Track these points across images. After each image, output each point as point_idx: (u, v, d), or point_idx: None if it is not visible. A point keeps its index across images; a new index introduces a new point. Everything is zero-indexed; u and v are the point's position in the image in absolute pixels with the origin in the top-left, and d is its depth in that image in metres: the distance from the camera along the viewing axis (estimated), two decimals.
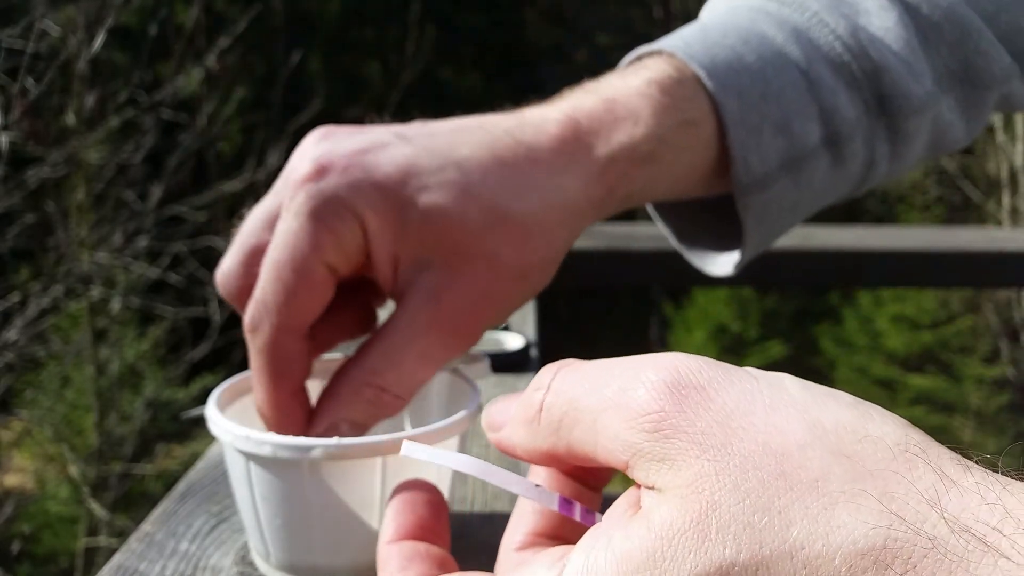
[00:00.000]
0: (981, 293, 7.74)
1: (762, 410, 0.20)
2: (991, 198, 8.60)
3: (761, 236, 0.46)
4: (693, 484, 0.19)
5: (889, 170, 0.48)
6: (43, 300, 3.21)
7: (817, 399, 0.21)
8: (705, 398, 0.21)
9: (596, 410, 0.22)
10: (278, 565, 0.36)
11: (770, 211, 0.44)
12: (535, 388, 0.24)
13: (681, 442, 0.20)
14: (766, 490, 0.19)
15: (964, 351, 8.08)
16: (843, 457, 0.19)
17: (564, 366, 0.24)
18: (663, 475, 0.20)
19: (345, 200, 0.34)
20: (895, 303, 8.25)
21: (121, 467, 3.92)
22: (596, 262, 1.30)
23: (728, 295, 8.59)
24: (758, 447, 0.19)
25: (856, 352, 8.71)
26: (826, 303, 9.54)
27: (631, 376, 0.22)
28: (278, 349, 0.36)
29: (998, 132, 8.01)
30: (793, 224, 0.47)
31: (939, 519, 0.17)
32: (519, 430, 0.25)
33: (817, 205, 0.47)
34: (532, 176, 0.37)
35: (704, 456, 0.19)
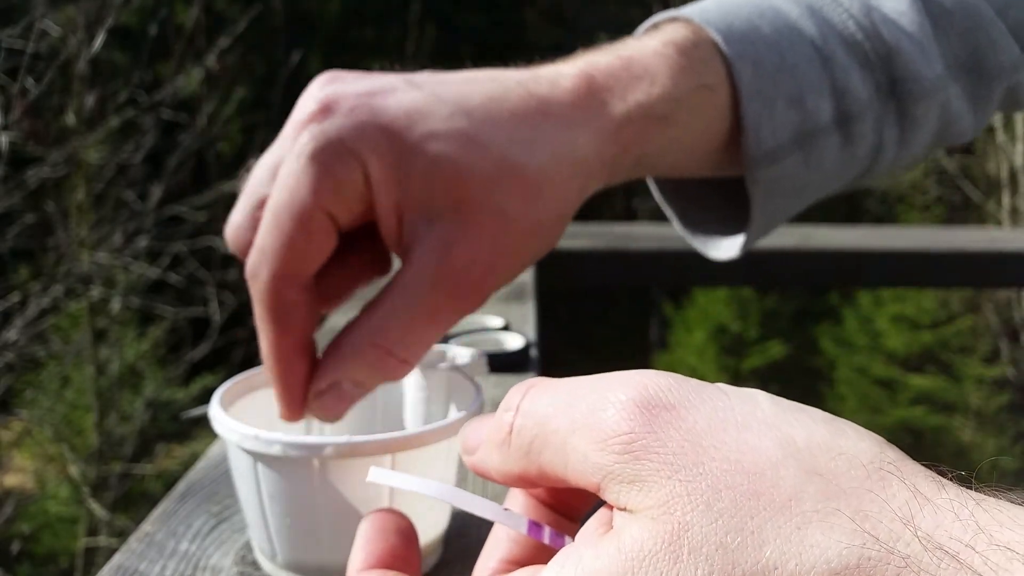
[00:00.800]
0: (981, 293, 7.74)
1: (734, 428, 0.20)
2: (991, 198, 8.60)
3: (767, 216, 0.45)
4: (664, 505, 0.19)
5: (895, 157, 0.47)
6: (43, 300, 3.21)
7: (789, 416, 0.20)
8: (676, 417, 0.20)
9: (565, 432, 0.22)
10: (285, 564, 0.36)
11: (778, 188, 0.43)
12: (505, 409, 0.24)
13: (652, 463, 0.20)
14: (739, 510, 0.18)
15: (964, 351, 8.08)
16: (816, 475, 0.19)
17: (532, 386, 0.24)
18: (634, 496, 0.20)
19: (348, 143, 0.33)
20: (895, 303, 8.25)
21: (121, 467, 3.92)
22: (596, 262, 1.30)
23: (728, 295, 8.59)
24: (730, 466, 0.19)
25: (856, 352, 8.71)
26: (826, 303, 9.54)
27: (599, 396, 0.21)
28: (277, 297, 0.34)
29: (998, 132, 8.01)
30: (798, 208, 0.47)
31: (913, 537, 0.17)
32: (492, 453, 0.24)
33: (823, 190, 0.46)
34: (544, 129, 0.35)
35: (675, 477, 0.19)
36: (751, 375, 8.67)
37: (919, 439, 7.63)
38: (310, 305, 0.35)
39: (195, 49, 4.07)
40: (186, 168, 4.09)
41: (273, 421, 0.40)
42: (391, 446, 0.33)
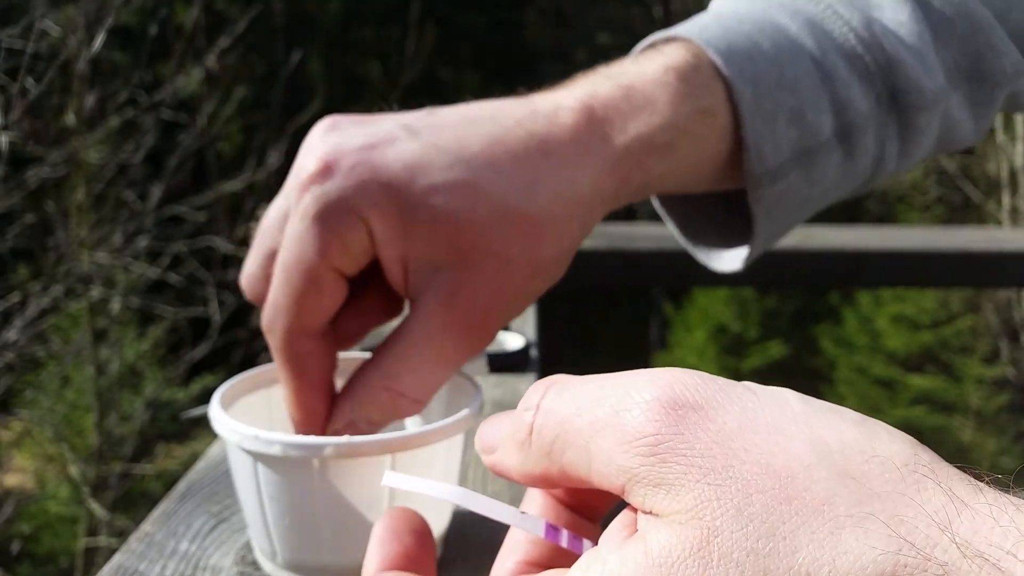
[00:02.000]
0: (981, 293, 7.74)
1: (764, 430, 0.19)
2: (991, 198, 8.60)
3: (770, 231, 0.45)
4: (693, 510, 0.18)
5: (896, 167, 0.47)
6: (43, 300, 3.21)
7: (820, 416, 0.20)
8: (703, 418, 0.20)
9: (588, 433, 0.21)
10: (285, 564, 0.36)
11: (780, 205, 0.43)
12: (525, 408, 0.23)
13: (679, 466, 0.19)
14: (770, 515, 0.18)
15: (964, 351, 8.08)
16: (849, 479, 0.18)
17: (553, 384, 0.23)
18: (661, 500, 0.19)
19: (350, 203, 0.34)
20: (895, 303, 8.25)
21: (121, 467, 3.92)
22: (596, 262, 1.30)
23: (728, 295, 8.59)
24: (761, 469, 0.19)
25: (856, 352, 8.71)
26: (826, 303, 9.53)
27: (624, 395, 0.21)
28: (293, 349, 0.36)
29: (998, 132, 8.01)
30: (799, 221, 0.47)
31: (950, 543, 0.17)
32: (511, 453, 0.24)
33: (824, 202, 0.46)
34: (543, 170, 0.36)
35: (704, 480, 0.19)
36: (751, 375, 8.67)
37: (919, 439, 7.61)
38: (325, 351, 0.37)
39: (195, 49, 4.07)
40: (186, 168, 4.09)
41: (273, 421, 0.40)
42: (391, 446, 0.33)
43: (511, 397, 0.60)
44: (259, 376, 0.41)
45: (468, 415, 0.36)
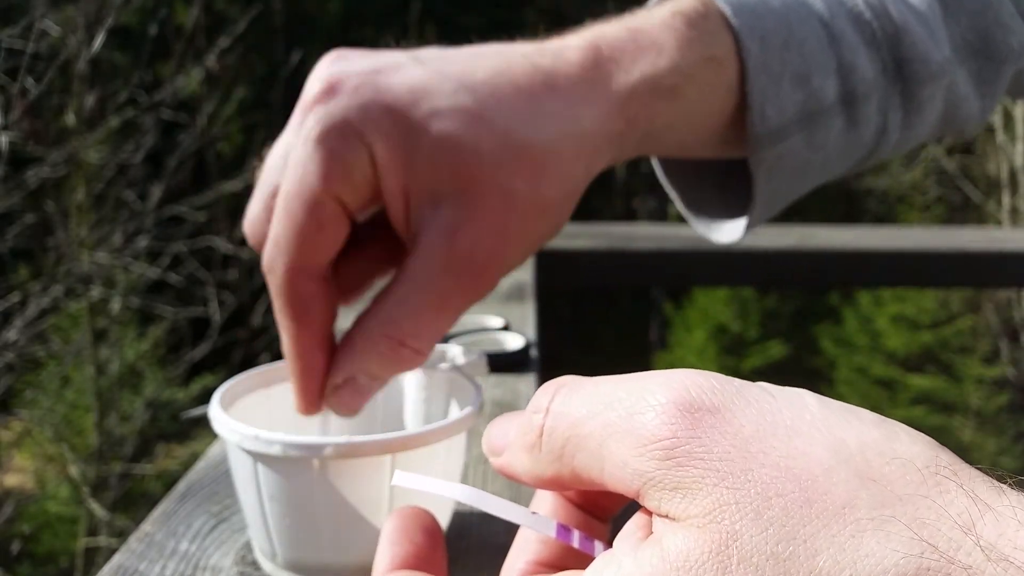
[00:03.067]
0: (981, 293, 7.74)
1: (783, 433, 0.19)
2: (991, 198, 8.61)
3: (769, 197, 0.44)
4: (711, 514, 0.18)
5: (900, 140, 0.46)
6: (43, 300, 3.21)
7: (839, 418, 0.20)
8: (720, 421, 0.19)
9: (600, 436, 0.21)
10: (285, 565, 0.36)
11: (781, 169, 0.42)
12: (534, 410, 0.23)
13: (696, 470, 0.19)
14: (790, 518, 0.18)
15: (964, 351, 8.08)
16: (870, 481, 0.18)
17: (563, 385, 0.23)
18: (677, 504, 0.19)
19: (353, 124, 0.33)
20: (895, 303, 8.25)
21: (121, 467, 3.92)
22: (596, 262, 1.30)
23: (728, 295, 8.59)
24: (780, 473, 0.18)
25: (856, 352, 8.71)
26: (826, 303, 9.53)
27: (638, 398, 0.20)
28: (294, 290, 0.34)
29: (998, 132, 8.01)
30: (800, 192, 0.46)
31: (974, 546, 0.16)
32: (520, 456, 0.23)
33: (825, 173, 0.45)
34: (549, 104, 0.35)
35: (722, 484, 0.18)
36: (751, 375, 8.66)
37: None
38: (327, 298, 0.35)
39: (195, 49, 4.07)
40: (186, 168, 4.09)
41: (273, 421, 0.40)
42: (391, 446, 0.33)
43: (511, 397, 0.60)
44: (259, 376, 0.41)
45: (468, 415, 0.36)
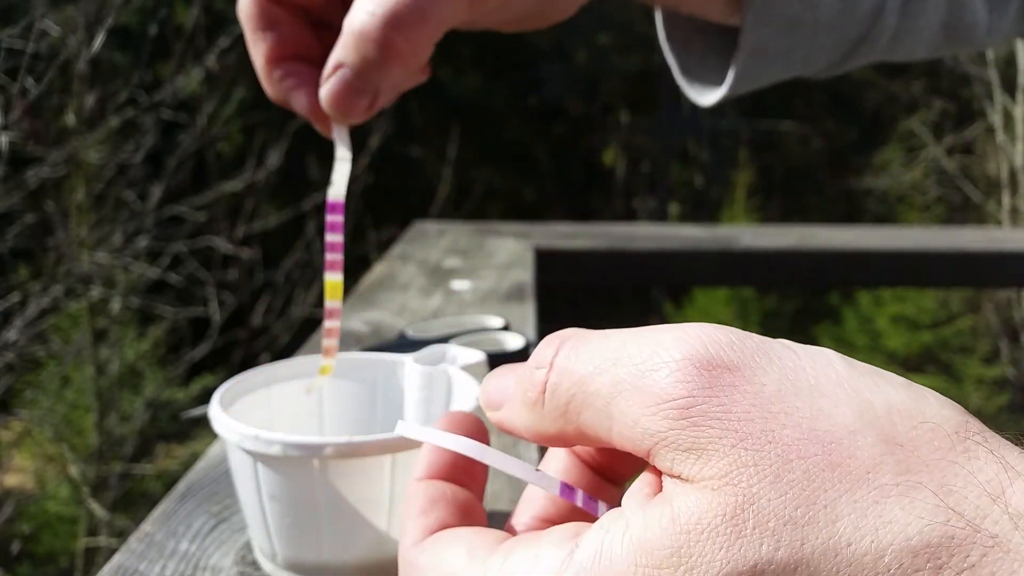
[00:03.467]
0: (981, 293, 7.74)
1: (807, 392, 0.18)
2: (991, 198, 8.61)
3: (756, 46, 0.43)
4: (728, 475, 0.17)
5: (899, 30, 0.46)
6: (43, 300, 3.21)
7: (866, 379, 0.19)
8: (740, 379, 0.18)
9: (609, 393, 0.20)
10: (285, 564, 0.36)
11: (771, 14, 0.42)
12: (536, 366, 0.22)
13: (713, 430, 0.18)
14: (811, 482, 0.17)
15: (964, 351, 8.08)
16: (896, 445, 0.17)
17: (567, 339, 0.22)
18: (691, 466, 0.18)
19: None
20: (895, 303, 8.25)
21: (121, 467, 3.92)
22: (596, 262, 1.30)
23: (728, 295, 8.59)
24: (802, 434, 0.17)
25: (856, 352, 8.71)
26: (826, 303, 9.53)
27: (650, 354, 0.19)
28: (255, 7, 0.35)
29: (998, 132, 8.02)
30: (792, 53, 0.45)
31: (1002, 514, 0.16)
32: (521, 411, 0.22)
33: (819, 38, 0.45)
34: None
35: (740, 445, 0.18)
36: None
37: None
38: (290, 22, 0.36)
39: (195, 49, 4.07)
40: (186, 168, 4.09)
41: (273, 421, 0.40)
42: (391, 446, 0.33)
43: None
44: (259, 376, 0.41)
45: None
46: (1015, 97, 7.96)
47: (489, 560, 0.21)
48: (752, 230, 1.57)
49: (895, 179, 9.65)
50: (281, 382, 0.41)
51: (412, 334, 0.70)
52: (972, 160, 8.57)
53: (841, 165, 11.19)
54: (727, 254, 1.32)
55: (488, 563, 0.21)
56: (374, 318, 0.81)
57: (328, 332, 0.38)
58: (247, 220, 4.45)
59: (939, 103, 9.23)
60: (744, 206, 9.37)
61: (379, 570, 0.36)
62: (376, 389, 0.43)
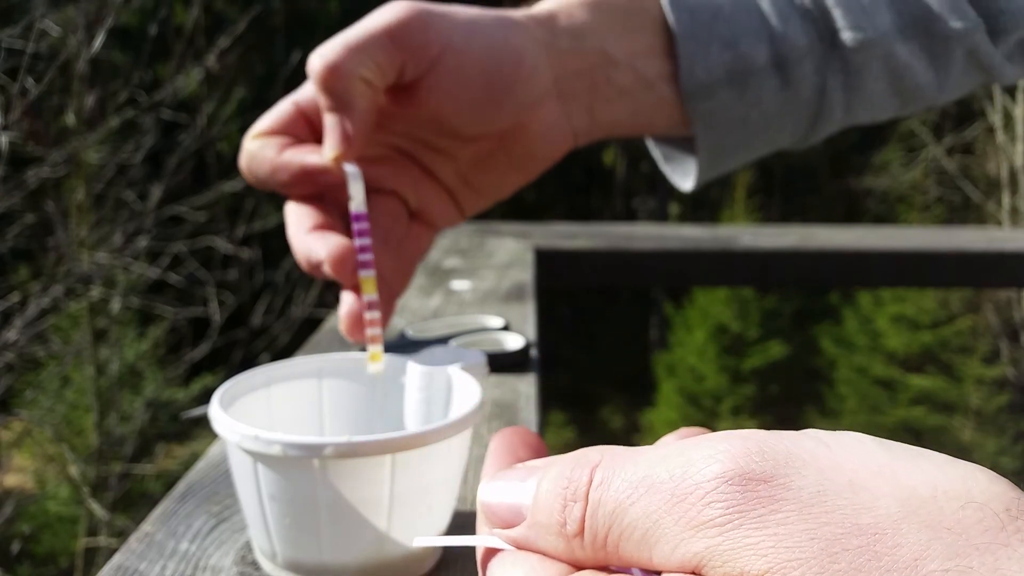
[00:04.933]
0: (981, 293, 7.75)
1: (847, 489, 0.18)
2: (991, 198, 8.61)
3: (712, 146, 0.49)
4: (774, 570, 0.17)
5: (847, 103, 0.50)
6: (43, 300, 3.21)
7: (907, 463, 0.18)
8: (776, 488, 0.18)
9: (644, 525, 0.20)
10: (285, 564, 0.36)
11: (717, 121, 0.48)
12: (571, 499, 0.21)
13: (752, 539, 0.18)
14: (858, 572, 0.17)
15: (964, 351, 8.08)
16: (944, 529, 0.17)
17: (599, 466, 0.21)
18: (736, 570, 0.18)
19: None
20: (895, 303, 8.26)
21: (121, 467, 3.92)
22: (596, 262, 1.30)
23: (728, 295, 8.60)
24: (846, 530, 0.17)
25: (856, 352, 8.71)
26: (826, 303, 9.54)
27: (681, 478, 0.19)
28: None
29: (998, 132, 8.02)
30: (750, 142, 0.50)
31: None
32: (550, 539, 0.22)
33: (773, 126, 0.50)
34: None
35: (782, 544, 0.18)
36: (751, 375, 8.68)
37: (919, 439, 7.63)
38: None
39: (195, 49, 4.07)
40: (186, 168, 4.09)
41: (273, 421, 0.40)
42: (391, 446, 0.33)
43: (511, 397, 0.60)
44: (259, 376, 0.41)
45: (468, 415, 0.36)
46: (1015, 97, 7.96)
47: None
48: (752, 230, 1.56)
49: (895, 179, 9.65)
50: (281, 382, 0.41)
51: (412, 334, 0.70)
52: (972, 160, 8.57)
53: (841, 165, 11.19)
54: (727, 254, 1.32)
55: None
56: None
57: (371, 323, 0.41)
58: (247, 220, 4.46)
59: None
60: (744, 206, 9.37)
61: (379, 570, 0.36)
62: (376, 389, 0.43)
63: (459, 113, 0.43)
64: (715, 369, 8.64)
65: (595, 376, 9.85)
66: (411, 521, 0.35)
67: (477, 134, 0.45)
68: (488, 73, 0.43)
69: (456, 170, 0.46)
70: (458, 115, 0.43)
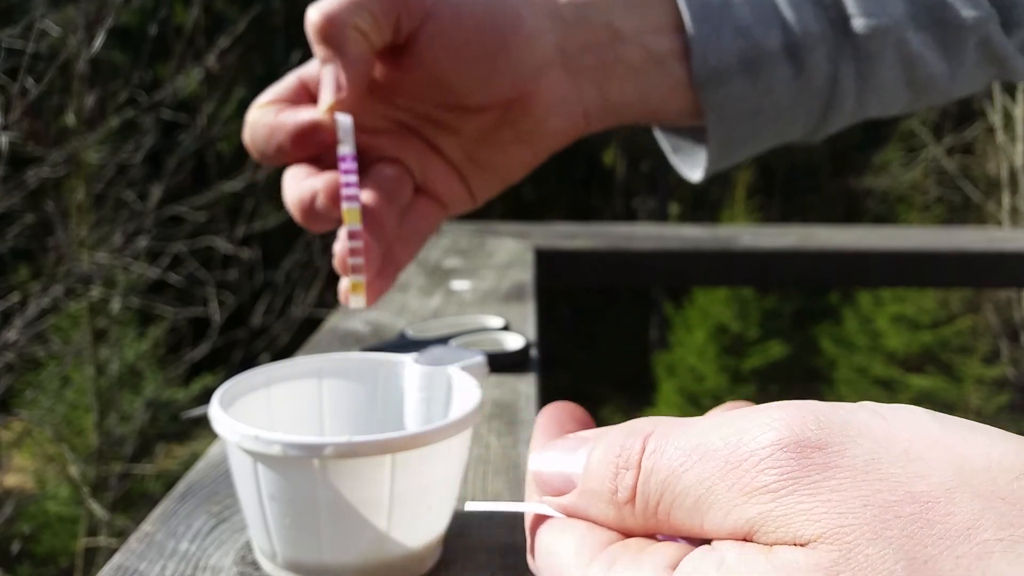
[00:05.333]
0: (981, 293, 7.75)
1: (900, 459, 0.18)
2: (991, 198, 8.61)
3: (723, 136, 0.48)
4: (825, 535, 0.18)
5: (859, 92, 0.49)
6: (43, 300, 3.21)
7: (961, 435, 0.19)
8: (831, 455, 0.19)
9: (697, 491, 0.20)
10: (285, 564, 0.36)
11: (729, 110, 0.47)
12: (623, 466, 0.22)
13: (806, 504, 0.18)
14: (910, 539, 0.17)
15: (964, 351, 8.09)
16: (997, 500, 0.17)
17: (650, 435, 0.22)
18: (788, 536, 0.18)
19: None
20: (895, 303, 8.26)
21: (121, 467, 3.92)
22: (596, 262, 1.30)
23: (728, 295, 8.60)
24: (899, 497, 0.18)
25: (856, 352, 8.72)
26: (826, 303, 9.54)
27: (736, 444, 0.20)
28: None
29: (998, 132, 8.02)
30: (761, 134, 0.49)
31: None
32: (601, 506, 0.22)
33: (783, 118, 0.49)
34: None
35: (835, 510, 0.18)
36: (751, 375, 8.68)
37: None
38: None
39: (195, 49, 4.07)
40: (186, 168, 4.09)
41: (273, 421, 0.40)
42: (391, 446, 0.33)
43: (511, 397, 0.60)
44: (259, 376, 0.41)
45: (468, 415, 0.36)
46: (1015, 97, 7.96)
47: (593, 564, 0.21)
48: (752, 230, 1.56)
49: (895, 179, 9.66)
50: (281, 382, 0.41)
51: (412, 334, 0.70)
52: (972, 160, 8.57)
53: (841, 165, 11.19)
54: (727, 254, 1.32)
55: (591, 566, 0.21)
56: (374, 318, 0.82)
57: (352, 251, 0.39)
58: (247, 220, 4.46)
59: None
60: (744, 206, 9.37)
61: (379, 570, 0.36)
62: (376, 389, 0.43)
63: (457, 71, 0.42)
64: (715, 369, 8.64)
65: (595, 376, 9.85)
66: (411, 521, 0.35)
67: (480, 103, 0.43)
68: (484, 27, 0.42)
69: (461, 146, 0.44)
70: (456, 74, 0.42)
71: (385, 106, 0.44)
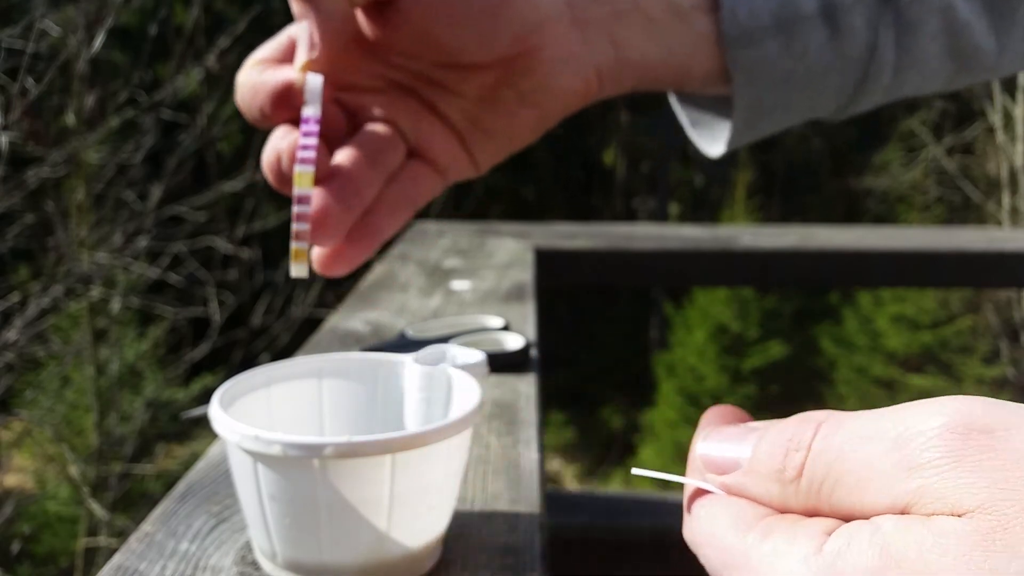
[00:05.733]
0: (981, 293, 7.75)
1: None
2: (991, 198, 8.62)
3: (751, 103, 0.44)
4: (982, 507, 0.18)
5: (897, 64, 0.46)
6: (43, 300, 3.21)
7: None
8: (995, 440, 0.19)
9: (860, 470, 0.21)
10: (285, 564, 0.36)
11: (762, 74, 0.43)
12: (794, 448, 0.23)
13: (965, 480, 0.19)
14: None
15: (964, 351, 8.09)
16: None
17: (823, 422, 0.23)
18: (946, 508, 0.19)
19: None
20: (895, 303, 8.26)
21: (121, 467, 3.92)
22: (596, 262, 1.30)
23: (728, 295, 8.60)
24: None
25: (856, 352, 8.72)
26: (826, 303, 9.54)
27: (905, 427, 0.20)
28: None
29: (998, 132, 8.02)
30: (790, 103, 0.45)
31: None
32: (767, 485, 0.23)
33: (816, 85, 0.45)
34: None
35: (995, 486, 0.18)
36: (751, 375, 8.68)
37: None
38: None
39: (195, 49, 4.07)
40: (186, 168, 4.09)
41: (273, 421, 0.40)
42: (391, 446, 0.33)
43: (511, 397, 0.60)
44: (259, 376, 0.41)
45: (468, 415, 0.36)
46: (1015, 97, 7.96)
47: (749, 534, 0.22)
48: (752, 230, 1.56)
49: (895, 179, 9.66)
50: (281, 382, 0.41)
51: (412, 334, 0.70)
52: (972, 160, 8.58)
53: (841, 165, 11.19)
54: (727, 254, 1.32)
55: (748, 536, 0.22)
56: (374, 318, 0.82)
57: (299, 216, 0.37)
58: (247, 220, 4.46)
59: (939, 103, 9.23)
60: (744, 206, 9.37)
61: (379, 570, 0.36)
62: (376, 389, 0.43)
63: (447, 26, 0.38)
64: (715, 369, 8.64)
65: (595, 376, 9.85)
66: (411, 521, 0.35)
67: (476, 60, 0.39)
68: None
69: (462, 107, 0.41)
70: (446, 28, 0.38)
71: (379, 64, 0.40)
